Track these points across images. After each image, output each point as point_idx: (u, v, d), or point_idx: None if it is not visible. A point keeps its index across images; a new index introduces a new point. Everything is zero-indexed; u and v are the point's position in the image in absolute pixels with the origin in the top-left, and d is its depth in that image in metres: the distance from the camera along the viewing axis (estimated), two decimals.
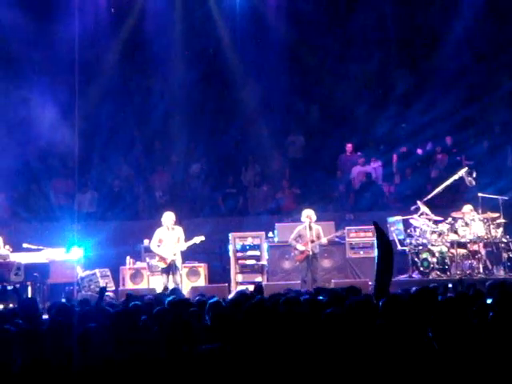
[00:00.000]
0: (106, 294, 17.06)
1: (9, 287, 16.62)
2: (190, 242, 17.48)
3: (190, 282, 18.88)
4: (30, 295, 16.56)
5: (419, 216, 18.44)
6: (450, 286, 13.41)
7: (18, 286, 16.45)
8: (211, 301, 9.69)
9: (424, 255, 18.04)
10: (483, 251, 17.95)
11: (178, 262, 17.51)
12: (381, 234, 11.99)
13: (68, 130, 20.53)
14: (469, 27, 22.15)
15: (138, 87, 23.95)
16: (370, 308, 8.18)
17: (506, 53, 22.41)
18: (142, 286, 18.74)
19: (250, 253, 19.41)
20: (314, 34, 23.40)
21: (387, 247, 11.77)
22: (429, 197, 18.74)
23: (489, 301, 9.71)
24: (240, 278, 19.36)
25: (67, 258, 18.08)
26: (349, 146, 22.90)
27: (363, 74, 23.24)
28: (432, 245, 18.07)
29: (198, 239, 17.50)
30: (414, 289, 10.58)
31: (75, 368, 7.29)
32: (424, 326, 7.65)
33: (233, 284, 19.22)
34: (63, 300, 14.60)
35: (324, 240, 17.73)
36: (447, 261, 17.95)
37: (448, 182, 18.85)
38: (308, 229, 17.67)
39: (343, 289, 11.69)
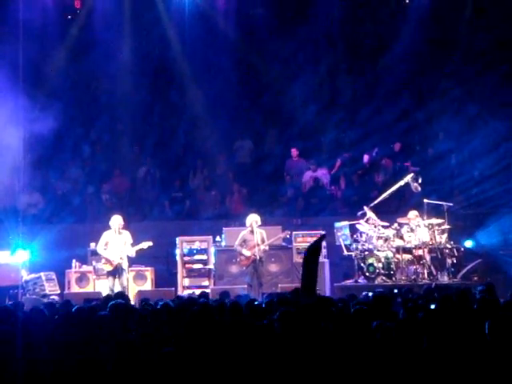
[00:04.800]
0: (51, 297, 17.03)
1: None
2: (138, 247, 17.46)
3: (137, 285, 18.81)
4: None
5: (366, 221, 18.57)
6: (396, 291, 13.56)
7: None
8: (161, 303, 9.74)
9: (370, 260, 18.15)
10: (428, 257, 18.12)
11: (125, 266, 17.48)
12: (315, 244, 12.30)
13: (14, 131, 20.27)
14: (415, 35, 22.38)
15: (85, 89, 23.77)
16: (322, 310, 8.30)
17: (451, 61, 22.71)
18: (88, 289, 18.63)
19: (197, 257, 19.43)
20: (262, 38, 23.45)
21: (314, 253, 12.06)
22: (375, 202, 18.88)
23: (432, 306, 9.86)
24: (187, 282, 19.36)
25: (12, 260, 17.90)
26: (294, 151, 22.97)
27: (311, 80, 23.32)
28: (378, 250, 18.20)
29: (145, 244, 17.48)
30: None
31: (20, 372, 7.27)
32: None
33: (179, 288, 19.20)
34: (8, 303, 14.43)
35: (263, 246, 17.76)
36: (393, 266, 18.08)
37: (394, 188, 19.00)
38: (253, 233, 17.74)
39: (288, 292, 11.89)
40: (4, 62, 19.93)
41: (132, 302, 15.15)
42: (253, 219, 17.88)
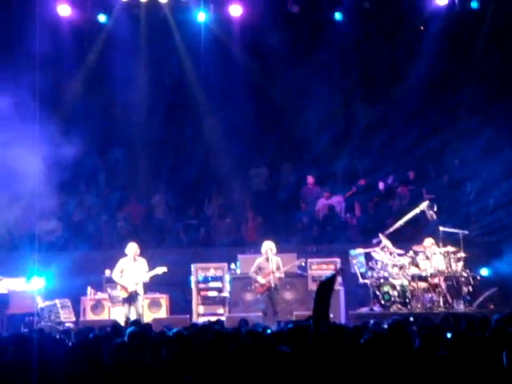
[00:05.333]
0: (66, 325, 17.03)
1: None
2: (152, 273, 17.49)
3: (152, 313, 18.81)
4: None
5: (381, 249, 18.52)
6: (411, 319, 13.49)
7: None
8: (173, 331, 9.71)
9: (385, 288, 18.09)
10: (444, 285, 18.03)
11: (140, 293, 17.49)
12: (330, 279, 12.30)
13: (30, 159, 20.35)
14: (430, 64, 22.39)
15: (101, 116, 23.89)
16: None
17: (465, 89, 22.73)
18: (103, 317, 18.63)
19: (212, 284, 19.42)
20: (277, 66, 23.55)
21: (327, 286, 12.05)
22: (390, 230, 18.83)
23: (448, 335, 9.79)
24: (202, 309, 19.33)
25: (27, 288, 17.92)
26: (310, 178, 23.03)
27: (326, 107, 23.39)
28: (393, 278, 18.14)
29: (160, 270, 17.50)
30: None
31: None
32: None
33: (194, 315, 19.17)
34: (24, 331, 14.45)
35: (278, 274, 17.77)
36: (408, 294, 18.01)
37: (409, 216, 18.96)
38: (269, 260, 17.73)
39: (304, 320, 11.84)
40: (22, 90, 20.06)
41: None
42: (268, 246, 17.89)
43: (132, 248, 17.62)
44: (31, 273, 18.26)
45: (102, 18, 21.97)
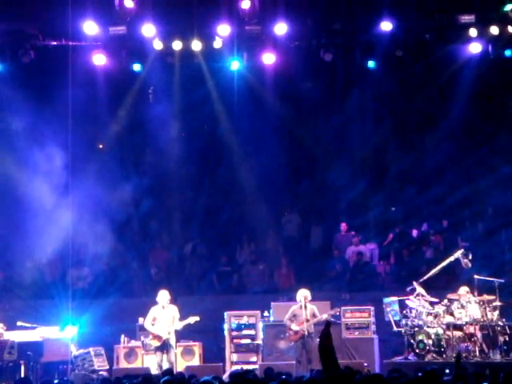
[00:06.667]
0: (100, 373, 17.02)
1: None
2: (185, 322, 17.47)
3: (185, 361, 18.78)
4: (23, 374, 16.41)
5: (415, 297, 18.37)
6: (447, 371, 13.33)
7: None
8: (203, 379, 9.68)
9: (420, 337, 17.91)
10: (479, 334, 17.79)
11: (173, 341, 17.49)
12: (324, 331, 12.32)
13: (63, 208, 20.51)
14: (464, 110, 22.38)
15: (133, 164, 24.08)
16: None
17: (499, 136, 22.66)
18: (137, 364, 18.63)
19: (245, 332, 19.39)
20: (310, 114, 23.66)
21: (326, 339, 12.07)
22: (425, 278, 18.69)
23: None
24: (235, 357, 19.27)
25: (61, 336, 17.99)
26: (343, 225, 23.02)
27: (359, 155, 23.42)
28: (428, 326, 17.96)
29: (192, 319, 17.49)
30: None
31: None
32: None
33: (227, 363, 19.10)
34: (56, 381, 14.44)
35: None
36: (443, 343, 17.80)
37: (444, 264, 18.82)
38: (303, 308, 17.65)
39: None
40: (57, 139, 20.28)
41: None
42: (303, 294, 17.83)
43: (163, 296, 17.62)
44: (65, 321, 18.33)
45: (136, 66, 22.15)
